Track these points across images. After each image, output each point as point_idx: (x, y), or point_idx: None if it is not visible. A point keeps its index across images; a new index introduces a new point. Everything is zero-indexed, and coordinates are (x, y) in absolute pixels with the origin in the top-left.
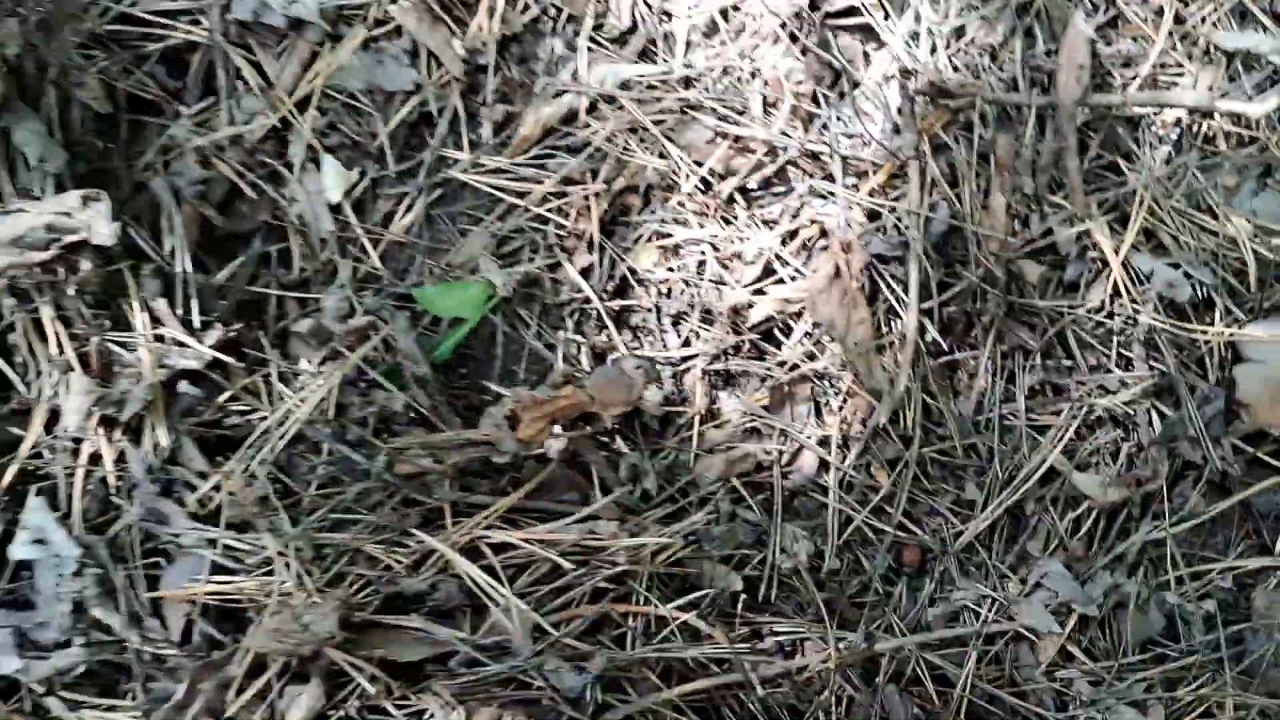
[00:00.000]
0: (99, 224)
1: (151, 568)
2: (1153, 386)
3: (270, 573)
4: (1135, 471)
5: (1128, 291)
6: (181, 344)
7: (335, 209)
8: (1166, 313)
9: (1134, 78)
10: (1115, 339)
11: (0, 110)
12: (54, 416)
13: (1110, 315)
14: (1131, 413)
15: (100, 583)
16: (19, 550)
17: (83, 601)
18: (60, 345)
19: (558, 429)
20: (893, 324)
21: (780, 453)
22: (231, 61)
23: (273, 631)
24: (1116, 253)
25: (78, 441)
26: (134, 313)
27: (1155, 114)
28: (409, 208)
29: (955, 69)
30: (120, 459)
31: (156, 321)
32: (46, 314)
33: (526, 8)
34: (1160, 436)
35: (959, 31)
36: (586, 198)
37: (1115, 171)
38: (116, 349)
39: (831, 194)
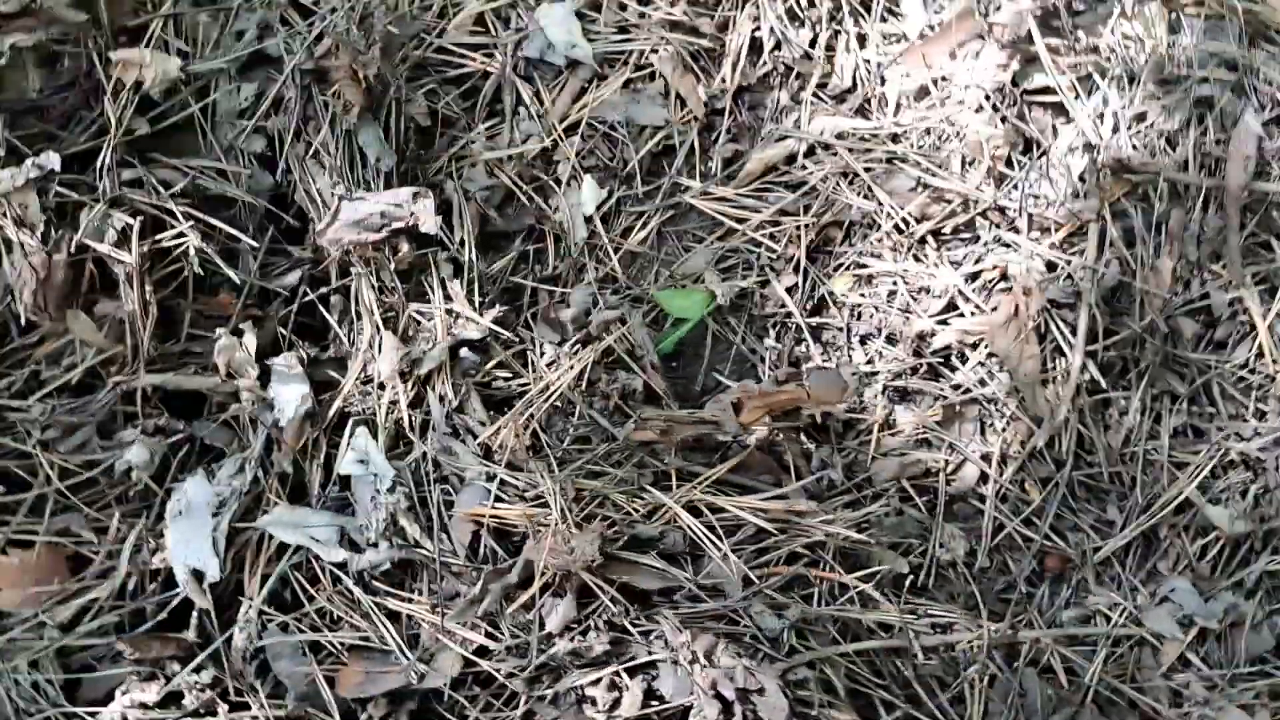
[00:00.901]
0: (426, 216)
1: (442, 494)
2: None
3: (541, 505)
4: (1261, 509)
5: (1270, 353)
6: (467, 318)
7: (588, 220)
8: None
9: None
10: (1254, 393)
11: (353, 116)
12: (364, 366)
13: (1252, 371)
14: (1262, 458)
15: (407, 498)
16: (345, 467)
17: (394, 512)
18: (375, 309)
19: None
20: (1058, 361)
21: (946, 462)
22: (517, 90)
23: (548, 550)
24: (1263, 318)
25: (382, 388)
26: (432, 289)
27: None
28: (645, 223)
29: (1135, 147)
30: (415, 403)
31: (448, 297)
32: (366, 283)
33: (762, 64)
34: None
35: (1141, 116)
36: (797, 228)
37: (1268, 249)
38: (418, 316)
39: (1016, 244)
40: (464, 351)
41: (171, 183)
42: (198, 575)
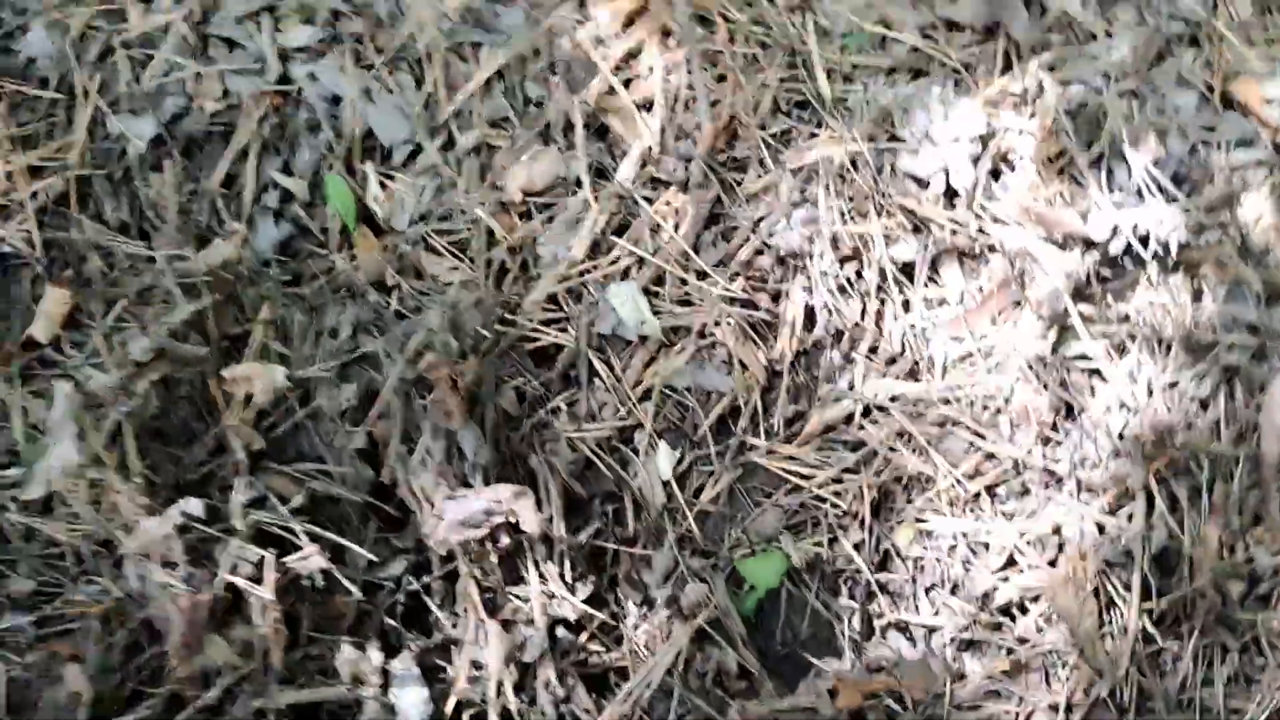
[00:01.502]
0: (527, 515)
1: None
2: None
3: None
4: None
5: None
6: (562, 598)
7: (665, 484)
8: None
9: None
10: None
11: (454, 423)
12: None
13: None
14: None
15: None
16: None
17: None
18: (477, 599)
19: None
20: (1114, 615)
21: (1017, 713)
22: (591, 363)
23: None
24: None
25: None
26: (527, 569)
27: None
28: (717, 482)
29: (1170, 411)
30: (519, 688)
31: (542, 578)
32: (468, 574)
33: (815, 331)
34: None
35: (1173, 384)
36: (860, 486)
37: None
38: (514, 597)
39: (1068, 506)
40: (559, 630)
41: (288, 496)
42: None
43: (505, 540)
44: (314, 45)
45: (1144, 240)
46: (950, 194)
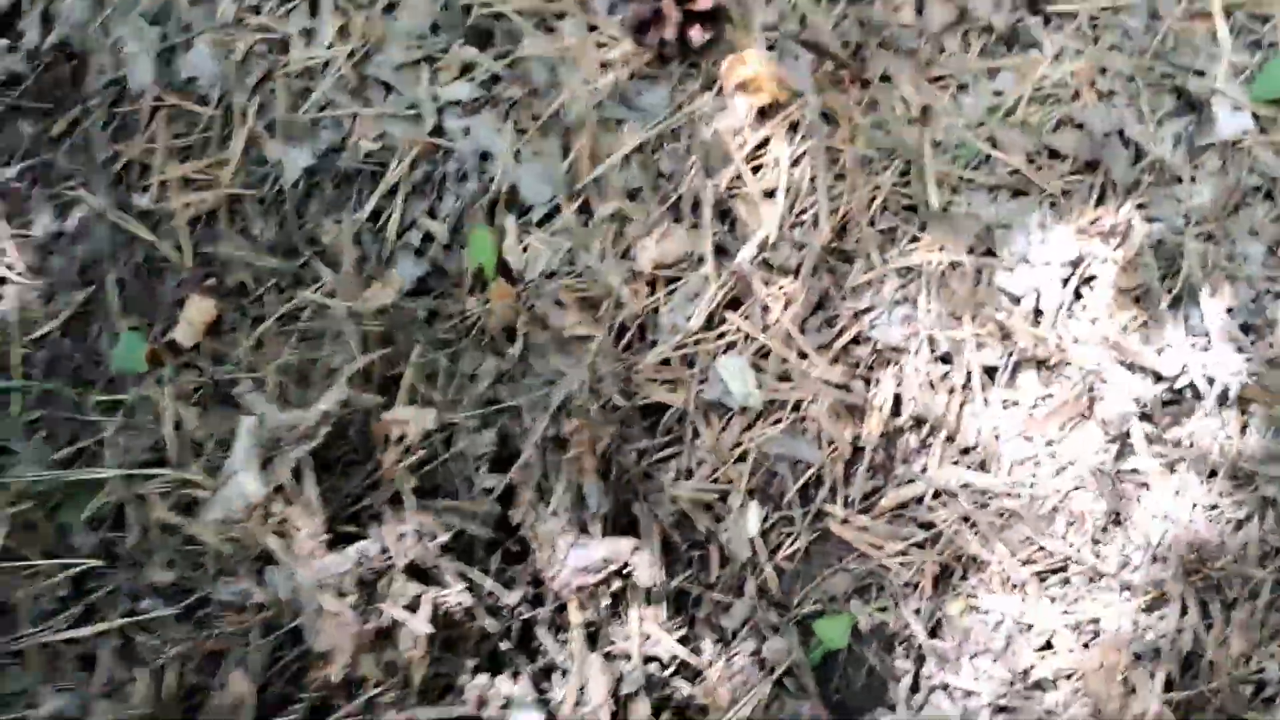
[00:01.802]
0: (644, 571)
1: None
2: None
3: None
4: None
5: None
6: (657, 638)
7: (750, 541)
8: None
9: None
10: None
11: (589, 482)
12: (580, 689)
13: None
14: None
15: None
16: None
17: None
18: (583, 636)
19: None
20: (1137, 701)
21: None
22: (694, 425)
23: None
24: None
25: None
26: (628, 610)
27: None
28: (794, 542)
29: (1207, 528)
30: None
31: (641, 618)
32: (575, 607)
33: (900, 417)
34: None
35: (1214, 505)
36: (924, 561)
37: None
38: (617, 637)
39: (1108, 600)
40: (651, 666)
41: (434, 533)
42: None
43: (617, 585)
44: (468, 101)
45: (1209, 380)
46: (1037, 310)
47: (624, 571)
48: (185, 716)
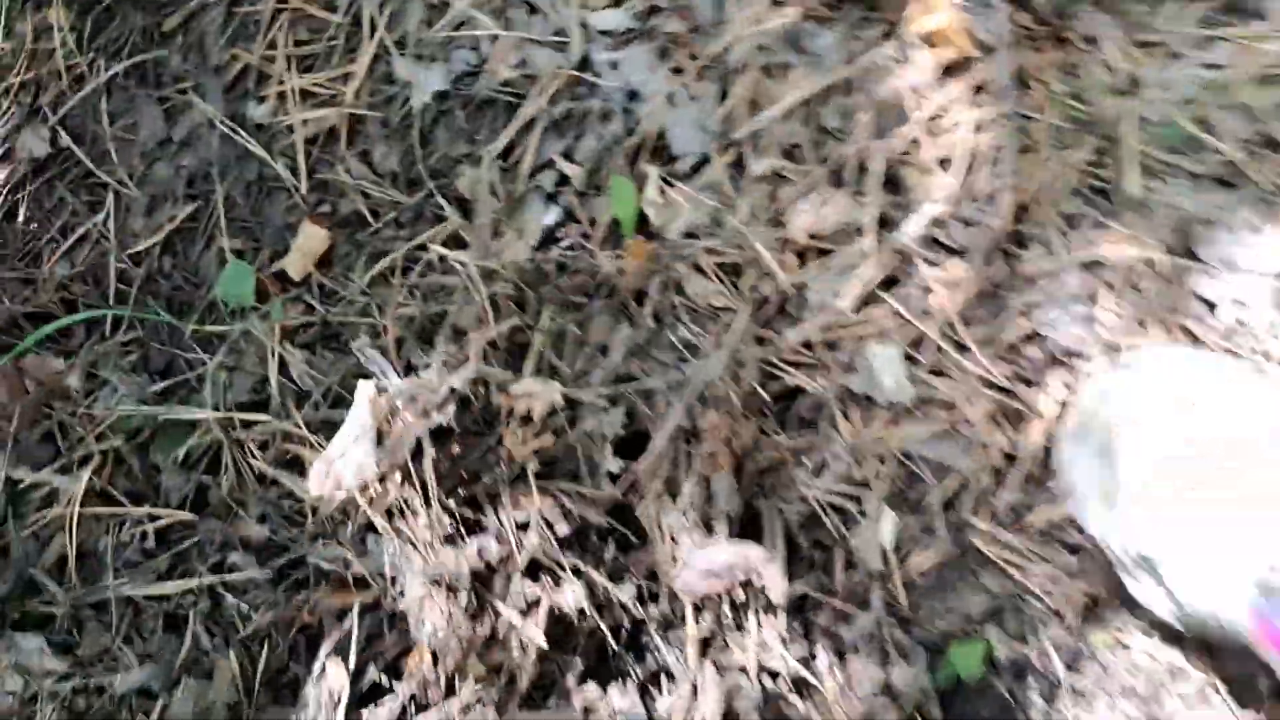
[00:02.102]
0: (774, 584)
1: None
2: None
3: None
4: None
5: None
6: (775, 651)
7: (883, 550)
8: None
9: None
10: None
11: (721, 479)
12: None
13: None
14: None
15: None
16: None
17: None
18: (696, 639)
19: None
20: None
21: None
22: (834, 415)
23: None
24: None
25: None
26: (747, 620)
27: None
28: (930, 554)
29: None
30: None
31: (759, 625)
32: (692, 614)
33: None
34: None
35: None
36: (1072, 589)
37: None
38: (733, 645)
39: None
40: (764, 678)
41: (553, 522)
42: None
43: (742, 595)
44: (620, 32)
45: None
46: (1239, 323)
47: (751, 580)
48: (274, 702)
